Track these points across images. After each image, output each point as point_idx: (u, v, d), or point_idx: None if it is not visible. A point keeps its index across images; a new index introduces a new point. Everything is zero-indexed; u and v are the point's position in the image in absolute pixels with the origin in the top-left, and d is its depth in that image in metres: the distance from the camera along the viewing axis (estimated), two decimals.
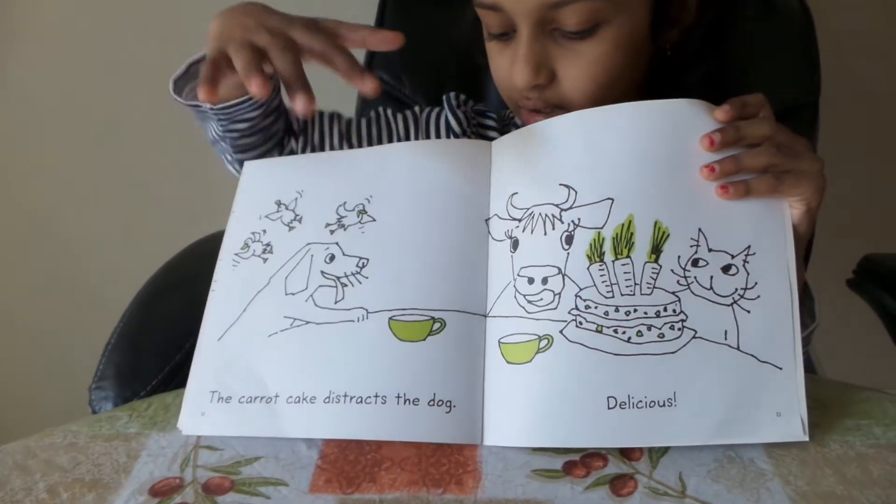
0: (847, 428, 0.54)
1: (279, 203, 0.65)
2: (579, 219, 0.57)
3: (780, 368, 0.53)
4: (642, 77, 0.74)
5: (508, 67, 0.68)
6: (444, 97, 0.84)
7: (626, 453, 0.53)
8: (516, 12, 0.64)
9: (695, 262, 0.55)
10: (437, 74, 0.97)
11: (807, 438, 0.51)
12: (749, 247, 0.55)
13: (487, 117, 0.86)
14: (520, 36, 0.65)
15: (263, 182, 0.68)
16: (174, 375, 0.79)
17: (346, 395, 0.56)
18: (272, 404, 0.56)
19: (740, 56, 0.88)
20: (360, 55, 0.97)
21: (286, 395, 0.57)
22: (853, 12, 1.23)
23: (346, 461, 0.53)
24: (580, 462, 0.52)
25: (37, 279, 1.48)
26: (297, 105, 0.58)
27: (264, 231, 0.64)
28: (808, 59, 0.92)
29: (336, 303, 0.59)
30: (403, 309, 0.58)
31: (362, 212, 0.63)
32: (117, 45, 1.26)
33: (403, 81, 0.97)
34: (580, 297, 0.55)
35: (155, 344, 0.82)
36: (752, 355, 0.53)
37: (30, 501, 0.51)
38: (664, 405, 0.52)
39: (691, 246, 0.55)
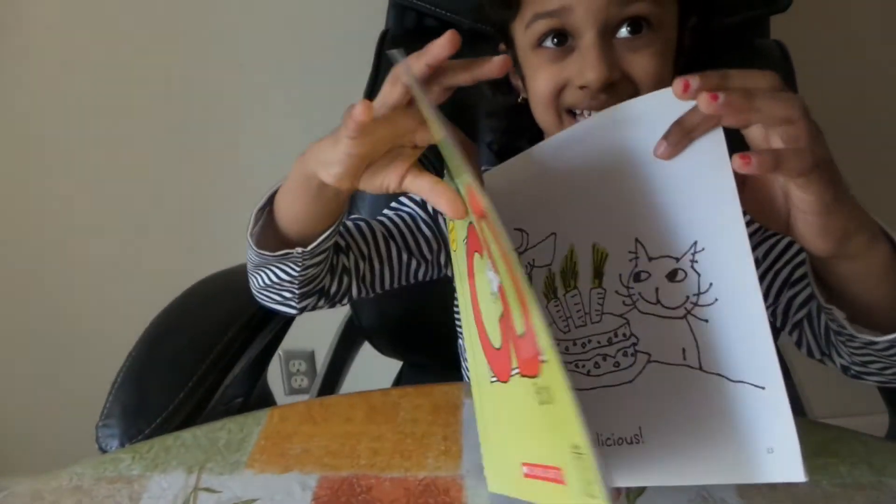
0: (814, 467, 0.56)
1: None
2: (533, 260, 0.56)
3: (762, 388, 0.42)
4: None
5: (571, 75, 0.69)
6: None
7: None
8: (582, 17, 0.66)
9: (636, 277, 0.49)
10: None
11: (805, 479, 0.41)
12: (696, 243, 0.47)
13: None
14: (584, 40, 0.67)
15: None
16: (178, 413, 0.81)
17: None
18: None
19: None
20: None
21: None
22: (831, 56, 1.27)
23: (339, 502, 0.55)
24: None
25: (46, 318, 1.51)
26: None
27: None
28: None
29: None
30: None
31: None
32: (118, 55, 1.28)
33: None
34: None
35: (160, 383, 0.83)
36: (719, 374, 0.44)
37: None
38: (631, 442, 0.47)
39: (630, 260, 0.50)
